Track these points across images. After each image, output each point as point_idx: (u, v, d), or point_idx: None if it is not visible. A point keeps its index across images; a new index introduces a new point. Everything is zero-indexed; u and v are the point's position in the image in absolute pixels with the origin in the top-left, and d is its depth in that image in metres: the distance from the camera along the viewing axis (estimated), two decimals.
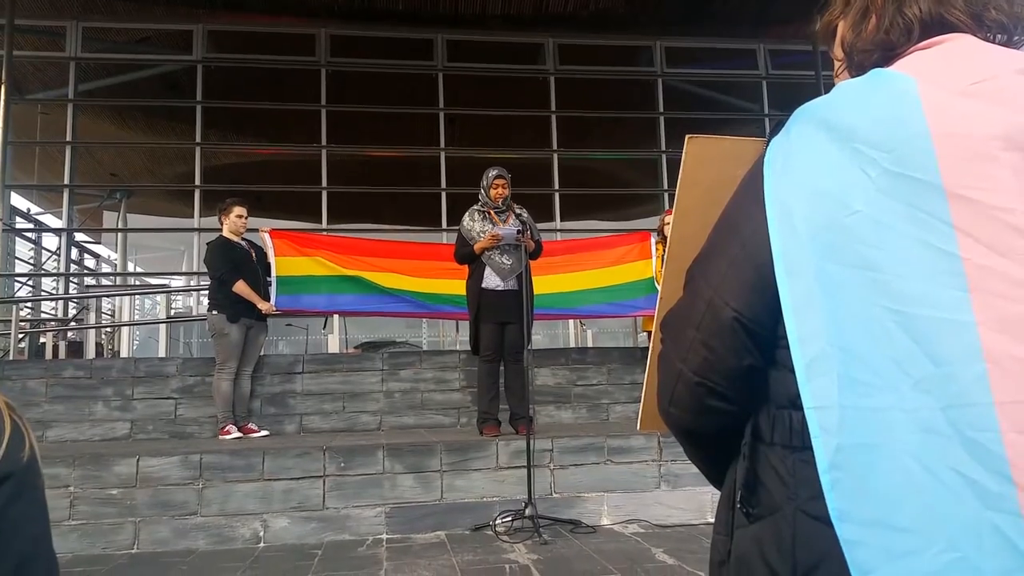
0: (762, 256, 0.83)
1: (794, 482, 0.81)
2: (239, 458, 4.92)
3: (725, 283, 0.88)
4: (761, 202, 0.85)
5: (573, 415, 7.17)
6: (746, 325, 0.85)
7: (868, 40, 0.96)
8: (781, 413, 0.85)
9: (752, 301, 0.85)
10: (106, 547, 4.63)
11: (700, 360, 0.89)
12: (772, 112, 12.78)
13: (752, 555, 0.85)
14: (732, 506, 0.91)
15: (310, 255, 6.92)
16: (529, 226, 5.73)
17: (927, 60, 0.87)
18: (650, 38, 12.29)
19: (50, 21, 10.96)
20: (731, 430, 0.91)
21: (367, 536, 4.84)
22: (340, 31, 11.61)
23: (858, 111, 0.82)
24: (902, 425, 0.71)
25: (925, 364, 0.72)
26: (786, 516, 0.81)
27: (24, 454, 0.84)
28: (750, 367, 0.87)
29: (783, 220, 0.82)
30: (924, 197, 0.75)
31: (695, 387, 0.90)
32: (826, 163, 0.81)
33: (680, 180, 1.09)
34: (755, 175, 0.89)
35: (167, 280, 15.28)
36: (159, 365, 6.93)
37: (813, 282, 0.78)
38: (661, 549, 4.36)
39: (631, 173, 14.08)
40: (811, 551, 0.78)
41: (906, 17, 0.92)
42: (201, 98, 11.37)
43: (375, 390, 6.98)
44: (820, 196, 0.80)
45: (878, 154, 0.78)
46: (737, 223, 0.90)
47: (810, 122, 0.86)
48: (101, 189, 13.60)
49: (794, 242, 0.80)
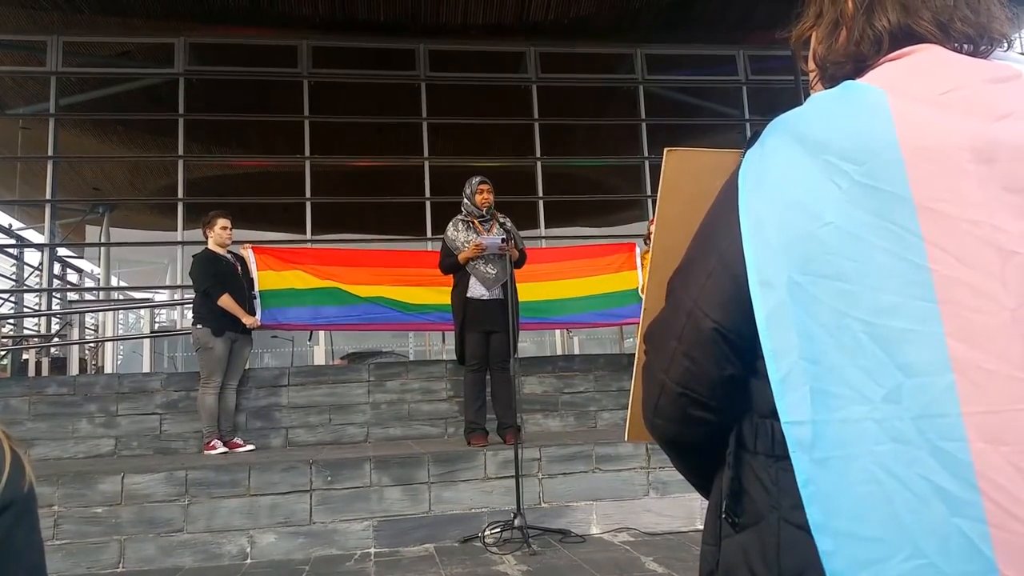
0: (739, 268, 0.84)
1: (777, 491, 0.82)
2: (225, 473, 4.89)
3: (704, 294, 0.88)
4: (736, 214, 0.86)
5: (561, 423, 7.16)
6: (726, 336, 0.86)
7: (840, 52, 0.97)
8: (764, 422, 0.85)
9: (731, 312, 0.86)
10: (91, 566, 4.58)
11: (682, 371, 0.89)
12: (753, 117, 12.85)
13: (738, 564, 0.86)
14: (719, 515, 0.92)
15: (293, 269, 6.90)
16: (513, 235, 5.73)
17: (896, 71, 0.88)
18: (631, 45, 12.34)
19: (30, 36, 10.88)
20: (716, 440, 0.92)
21: (355, 550, 4.82)
22: (322, 42, 11.59)
23: (829, 123, 0.83)
24: (873, 435, 0.72)
25: (895, 375, 0.73)
26: (770, 525, 0.82)
27: (25, 483, 0.85)
28: (731, 377, 0.88)
29: (756, 232, 0.83)
30: (894, 209, 0.76)
31: (678, 397, 0.90)
32: (798, 175, 0.82)
33: (660, 192, 1.10)
34: (730, 187, 0.90)
35: (151, 294, 15.20)
36: (143, 380, 6.88)
37: (785, 294, 0.79)
38: (651, 558, 4.36)
39: (614, 179, 14.12)
40: (795, 560, 0.78)
41: (876, 29, 0.93)
42: (183, 111, 11.31)
43: (361, 402, 6.96)
44: (792, 208, 0.81)
45: (849, 166, 0.79)
46: (714, 235, 0.91)
47: (783, 134, 0.86)
48: (83, 203, 13.52)
49: (767, 254, 0.81)
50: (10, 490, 0.82)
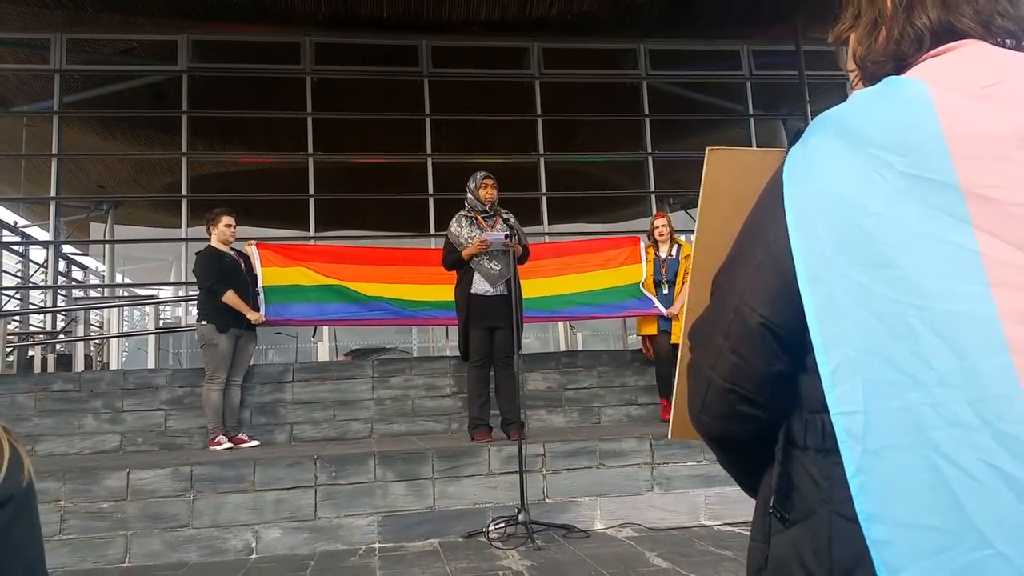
0: (786, 262, 0.85)
1: (828, 485, 0.82)
2: (230, 469, 4.91)
3: (751, 290, 0.89)
4: (781, 209, 0.87)
5: (564, 419, 7.17)
6: (774, 331, 0.87)
7: (880, 51, 0.98)
8: (813, 417, 0.86)
9: (779, 306, 0.86)
10: (97, 561, 4.61)
11: (729, 367, 0.90)
12: (757, 113, 12.84)
13: (789, 559, 0.86)
14: (768, 512, 0.92)
15: (297, 266, 6.90)
16: (516, 231, 5.73)
17: (939, 66, 0.89)
18: (634, 41, 12.32)
19: (34, 34, 10.90)
20: (763, 436, 0.93)
21: (360, 545, 4.83)
22: (324, 39, 11.60)
23: (872, 117, 0.84)
24: (929, 421, 0.72)
25: (949, 358, 0.73)
26: (821, 519, 0.82)
27: (24, 478, 0.85)
28: (779, 372, 0.88)
29: (802, 226, 0.84)
30: (941, 197, 0.77)
31: (726, 394, 0.91)
32: (842, 169, 0.83)
33: (702, 192, 1.11)
34: (775, 184, 0.91)
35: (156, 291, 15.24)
36: (148, 377, 6.90)
37: (835, 287, 0.80)
38: (655, 553, 4.37)
39: (617, 176, 14.11)
40: (848, 552, 0.78)
41: (916, 27, 0.94)
42: (187, 108, 11.33)
43: (365, 398, 6.97)
44: (838, 201, 0.82)
45: (893, 158, 0.80)
46: (760, 231, 0.92)
47: (826, 130, 0.87)
48: (88, 201, 13.54)
49: (814, 247, 0.82)
50: (8, 485, 0.82)
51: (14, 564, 0.83)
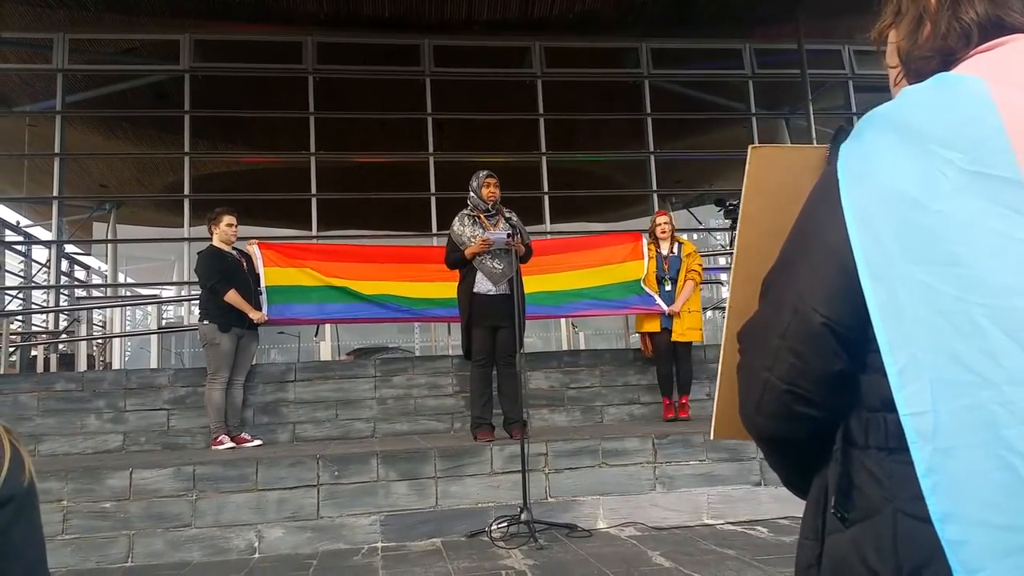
0: (847, 261, 0.84)
1: (891, 484, 0.82)
2: (232, 468, 4.91)
3: (811, 290, 0.88)
4: (839, 207, 0.86)
5: (567, 418, 7.17)
6: (835, 330, 0.86)
7: (926, 47, 0.97)
8: (875, 416, 0.85)
9: (840, 305, 0.86)
10: (100, 561, 4.61)
11: (787, 367, 0.89)
12: (759, 111, 12.83)
13: (851, 559, 0.85)
14: (822, 511, 0.92)
15: (299, 266, 6.89)
16: (519, 230, 5.73)
17: (992, 61, 0.88)
18: (636, 40, 12.31)
19: (36, 33, 10.91)
20: (818, 436, 0.92)
21: (362, 545, 4.83)
22: (326, 38, 11.61)
23: (929, 114, 0.84)
24: (1002, 419, 0.71)
25: (1019, 355, 0.72)
26: (885, 518, 0.82)
27: (25, 478, 0.85)
28: (840, 372, 0.87)
29: (863, 224, 0.83)
30: (1005, 193, 0.76)
31: (783, 394, 0.90)
32: (902, 166, 0.82)
33: (744, 190, 1.10)
34: (829, 181, 0.90)
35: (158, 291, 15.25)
36: (151, 376, 6.91)
37: (899, 285, 0.79)
38: (658, 552, 4.37)
39: (619, 175, 14.11)
40: (915, 552, 0.78)
41: (963, 22, 0.93)
42: (189, 107, 11.34)
43: (368, 397, 6.97)
44: (898, 199, 0.81)
45: (954, 154, 0.79)
46: (818, 229, 0.90)
47: (882, 127, 0.87)
48: (90, 200, 13.57)
49: (876, 247, 0.81)
50: (9, 485, 0.82)
51: (15, 564, 0.83)
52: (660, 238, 6.97)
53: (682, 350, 6.78)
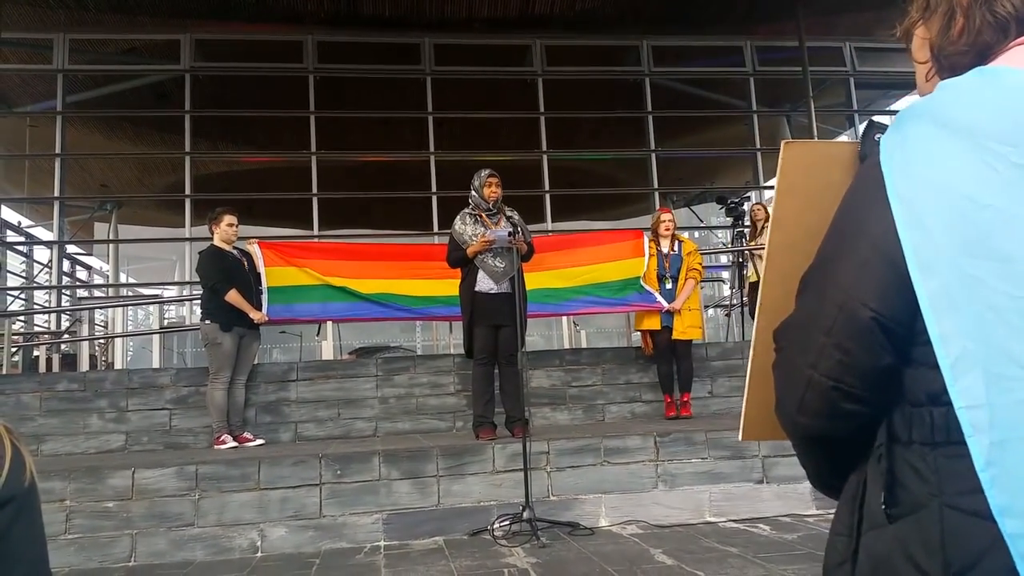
0: (896, 254, 0.83)
1: (938, 479, 0.81)
2: (235, 468, 4.91)
3: (859, 284, 0.87)
4: (885, 201, 0.85)
5: (569, 416, 7.17)
6: (884, 324, 0.85)
7: (960, 42, 0.96)
8: (919, 411, 0.85)
9: (890, 299, 0.85)
10: (103, 560, 4.61)
11: (833, 364, 0.88)
12: (760, 109, 12.81)
13: (895, 555, 0.84)
14: (859, 507, 0.91)
15: (299, 265, 6.88)
16: (521, 228, 5.72)
17: None
18: (636, 37, 12.30)
19: (37, 34, 10.91)
20: (863, 433, 0.92)
21: (365, 543, 4.83)
22: (327, 37, 11.60)
23: (976, 107, 0.83)
24: None
25: None
26: (932, 513, 0.81)
27: (25, 478, 0.85)
28: (887, 366, 0.87)
29: (911, 218, 0.82)
30: None
31: (828, 391, 0.89)
32: (950, 160, 0.82)
33: (777, 188, 1.09)
34: (871, 175, 0.89)
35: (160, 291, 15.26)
36: (153, 376, 6.91)
37: (950, 278, 0.79)
38: (660, 550, 4.36)
39: (621, 173, 14.10)
40: (965, 547, 0.77)
41: (999, 16, 0.92)
42: (190, 107, 11.34)
43: (370, 396, 6.97)
44: (947, 193, 0.80)
45: (1005, 148, 0.78)
46: (862, 224, 0.90)
47: (924, 121, 0.86)
48: (91, 201, 13.57)
49: (925, 239, 0.81)
50: (10, 485, 0.82)
51: (16, 564, 0.83)
52: (663, 236, 6.96)
53: (682, 348, 6.77)
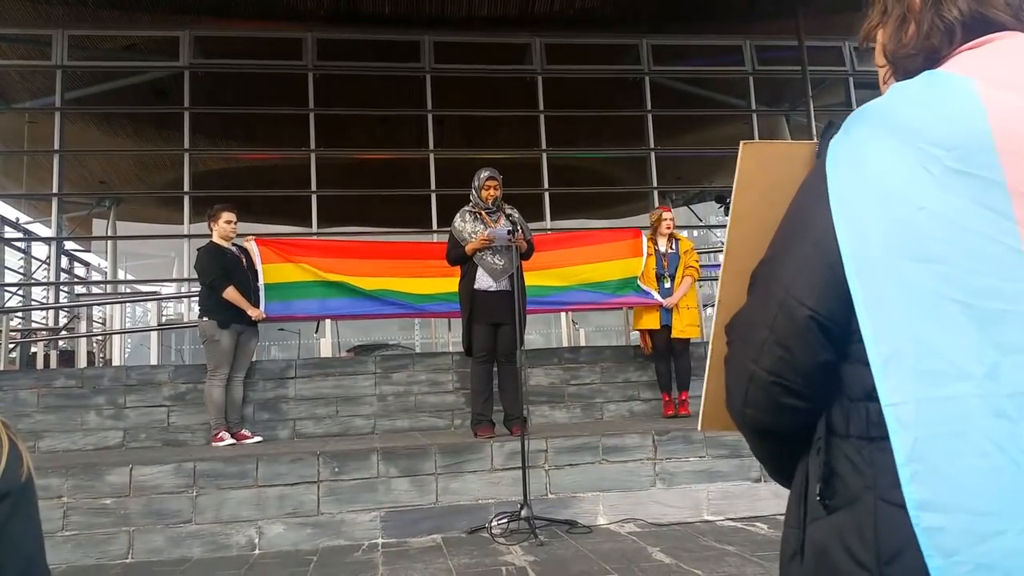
0: (833, 255, 0.85)
1: (872, 472, 0.83)
2: (233, 465, 4.90)
3: (797, 283, 0.89)
4: (826, 202, 0.87)
5: (567, 415, 7.16)
6: (821, 323, 0.87)
7: (910, 46, 0.98)
8: (856, 405, 0.86)
9: (827, 299, 0.86)
10: (100, 557, 4.60)
11: (774, 360, 0.90)
12: (759, 108, 12.81)
13: (834, 546, 0.86)
14: (804, 500, 0.93)
15: (296, 261, 6.87)
16: (520, 226, 5.71)
17: (979, 60, 0.89)
18: (636, 36, 12.30)
19: (36, 30, 10.90)
20: (805, 426, 0.93)
21: (362, 541, 4.83)
22: (327, 35, 11.59)
23: (919, 111, 0.84)
24: (978, 411, 0.74)
25: (991, 353, 0.75)
26: (866, 505, 0.83)
27: (22, 473, 0.84)
28: (825, 363, 0.88)
29: (849, 219, 0.84)
30: (988, 194, 0.78)
31: (770, 386, 0.91)
32: (889, 162, 0.83)
33: (736, 185, 1.11)
34: (818, 176, 0.91)
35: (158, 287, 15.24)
36: (151, 373, 6.90)
37: (883, 278, 0.81)
38: (658, 548, 4.36)
39: (620, 171, 14.10)
40: (895, 537, 0.79)
41: (946, 20, 0.94)
42: (189, 104, 11.33)
43: (368, 394, 6.97)
44: (886, 195, 0.82)
45: (940, 152, 0.80)
46: (805, 223, 0.91)
47: (871, 122, 0.88)
48: (90, 197, 13.56)
49: (861, 240, 0.83)
50: (7, 480, 0.82)
51: (13, 559, 0.82)
52: (662, 234, 6.94)
53: (680, 346, 6.77)
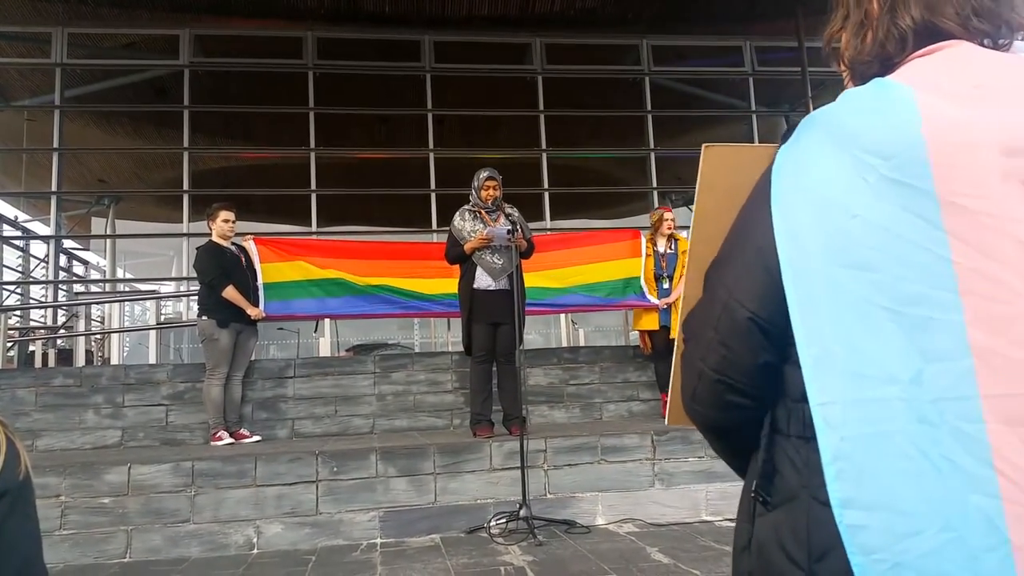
0: (772, 259, 0.87)
1: (808, 471, 0.85)
2: (231, 464, 4.90)
3: (739, 285, 0.92)
4: (770, 207, 0.89)
5: (566, 415, 7.16)
6: (760, 325, 0.89)
7: (866, 52, 1.00)
8: (796, 406, 0.89)
9: (766, 302, 0.89)
10: (98, 556, 4.60)
11: (719, 358, 0.93)
12: (759, 109, 12.82)
13: (770, 541, 0.88)
14: (751, 495, 0.95)
15: (295, 260, 6.87)
16: (520, 225, 5.71)
17: (925, 68, 0.91)
18: (636, 36, 12.29)
19: (35, 27, 10.88)
20: (752, 424, 0.95)
21: (361, 541, 4.83)
22: (327, 34, 11.58)
23: (859, 119, 0.86)
24: (902, 414, 0.76)
25: (916, 359, 0.77)
26: (801, 503, 0.85)
27: (20, 471, 0.84)
28: (766, 364, 0.91)
29: (788, 224, 0.86)
30: (919, 203, 0.79)
31: (715, 384, 0.94)
32: (829, 170, 0.85)
33: (698, 187, 1.13)
34: (765, 182, 0.93)
35: (157, 286, 15.24)
36: (149, 372, 6.89)
37: (816, 283, 0.82)
38: (656, 548, 4.36)
39: (620, 171, 14.10)
40: (825, 536, 0.81)
41: (899, 27, 0.96)
42: (188, 103, 11.31)
43: (367, 393, 6.96)
44: (824, 202, 0.84)
45: (876, 161, 0.81)
46: (749, 228, 0.94)
47: (816, 129, 0.89)
48: (89, 195, 13.55)
49: (798, 246, 0.84)
50: (5, 479, 0.82)
51: (10, 558, 0.82)
52: (663, 234, 6.93)
53: None
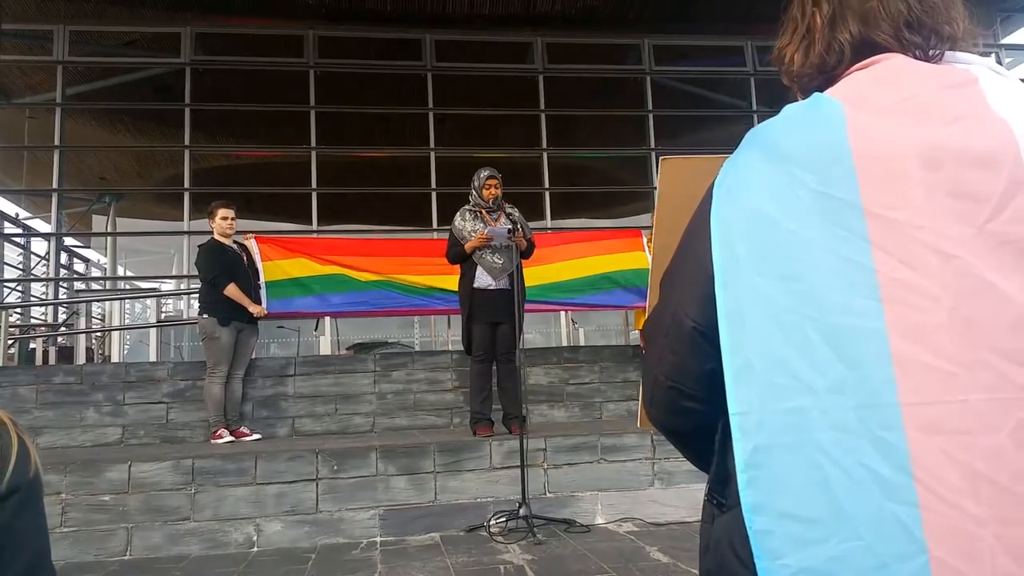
0: (711, 270, 0.88)
1: None
2: (231, 462, 4.90)
3: (684, 295, 0.94)
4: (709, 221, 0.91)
5: (566, 414, 7.17)
6: (704, 333, 0.91)
7: (809, 65, 1.03)
8: None
9: (707, 312, 0.89)
10: (99, 554, 4.60)
11: (670, 365, 0.96)
12: (760, 109, 12.80)
13: (723, 542, 0.90)
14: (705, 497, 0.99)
15: (297, 257, 6.88)
16: (521, 225, 5.71)
17: (858, 82, 0.94)
18: (638, 36, 12.28)
19: (37, 25, 10.88)
20: (709, 428, 0.96)
21: (361, 539, 4.83)
22: (328, 32, 11.58)
23: (793, 135, 0.88)
24: (817, 424, 0.78)
25: (839, 367, 0.78)
26: None
27: (31, 469, 0.86)
28: (712, 371, 0.91)
29: (723, 236, 0.88)
30: (845, 215, 0.82)
31: (668, 390, 0.97)
32: (763, 185, 0.87)
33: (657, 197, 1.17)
34: (709, 195, 0.94)
35: (157, 284, 15.24)
36: (150, 369, 6.89)
37: (744, 294, 0.84)
38: (656, 547, 4.37)
39: (621, 171, 14.09)
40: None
41: (839, 41, 0.99)
42: (189, 101, 11.31)
43: (367, 392, 6.97)
44: (756, 215, 0.86)
45: (807, 176, 0.84)
46: (694, 240, 0.95)
47: (754, 146, 0.91)
48: (90, 193, 13.54)
49: (731, 258, 0.86)
50: (16, 476, 0.83)
51: (21, 554, 0.83)
52: None
53: None
